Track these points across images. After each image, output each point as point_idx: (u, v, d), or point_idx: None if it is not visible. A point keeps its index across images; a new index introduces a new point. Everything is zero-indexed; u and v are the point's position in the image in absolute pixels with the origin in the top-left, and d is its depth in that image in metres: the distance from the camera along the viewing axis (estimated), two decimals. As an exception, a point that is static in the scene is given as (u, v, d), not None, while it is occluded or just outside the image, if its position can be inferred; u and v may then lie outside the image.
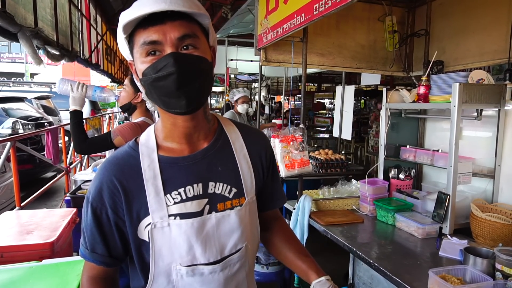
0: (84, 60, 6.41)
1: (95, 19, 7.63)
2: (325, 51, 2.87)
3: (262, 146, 0.99)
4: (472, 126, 2.23)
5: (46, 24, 4.33)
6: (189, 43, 0.77)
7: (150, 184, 0.83)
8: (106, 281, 0.90)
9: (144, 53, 0.77)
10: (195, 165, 0.87)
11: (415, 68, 3.05)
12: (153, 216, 0.82)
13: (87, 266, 0.90)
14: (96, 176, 0.87)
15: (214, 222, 0.86)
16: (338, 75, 13.29)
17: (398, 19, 2.99)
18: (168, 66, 0.73)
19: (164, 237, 0.83)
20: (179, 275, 0.84)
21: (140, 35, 0.76)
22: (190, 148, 0.88)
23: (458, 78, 2.03)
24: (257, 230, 0.99)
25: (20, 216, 2.34)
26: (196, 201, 0.85)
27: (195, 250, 0.84)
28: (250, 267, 0.97)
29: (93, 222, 0.85)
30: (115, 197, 0.83)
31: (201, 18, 0.80)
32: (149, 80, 0.77)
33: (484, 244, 1.77)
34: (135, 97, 2.21)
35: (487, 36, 2.45)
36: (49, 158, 4.09)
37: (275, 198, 1.06)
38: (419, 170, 2.69)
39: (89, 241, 0.86)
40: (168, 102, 0.78)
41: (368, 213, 2.32)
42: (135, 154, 0.86)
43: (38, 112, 7.08)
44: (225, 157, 0.91)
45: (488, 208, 1.92)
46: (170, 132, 0.87)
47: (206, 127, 0.90)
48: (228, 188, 0.89)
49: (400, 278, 1.49)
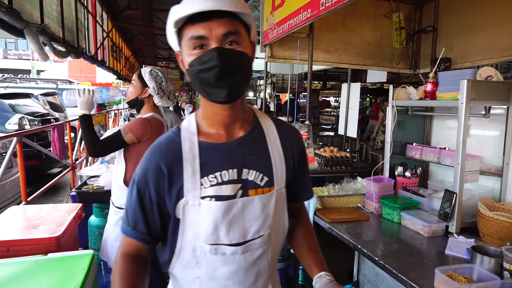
0: (90, 57, 6.44)
1: (101, 16, 7.65)
2: (331, 47, 2.85)
3: (295, 140, 1.04)
4: (480, 123, 2.20)
5: (52, 21, 4.35)
6: (232, 39, 0.84)
7: (188, 165, 0.90)
8: (138, 259, 0.96)
9: (191, 46, 0.84)
10: (231, 151, 0.93)
11: (422, 65, 3.02)
12: (187, 194, 0.90)
13: (125, 242, 0.97)
14: (143, 160, 0.95)
15: (240, 206, 0.92)
16: (343, 72, 13.23)
17: (405, 15, 2.96)
18: (212, 59, 0.81)
19: (194, 214, 0.90)
20: (203, 252, 0.91)
21: (188, 29, 0.84)
22: (228, 135, 0.94)
23: (466, 75, 2.00)
24: (283, 224, 1.03)
25: (26, 211, 2.36)
26: (230, 185, 0.91)
27: (220, 231, 0.90)
28: (273, 257, 1.01)
29: (137, 201, 0.93)
30: (159, 179, 0.91)
31: (244, 16, 0.86)
32: (194, 71, 0.85)
33: (491, 243, 1.75)
34: (142, 92, 2.21)
35: (496, 33, 2.42)
36: (55, 153, 4.12)
37: (303, 192, 1.12)
38: (426, 168, 2.66)
39: (132, 219, 0.94)
40: (210, 92, 0.86)
41: (373, 211, 2.30)
42: (177, 139, 0.93)
43: (44, 108, 7.12)
44: (259, 147, 0.97)
45: (495, 207, 1.90)
46: (210, 120, 0.94)
47: (243, 117, 0.97)
48: (260, 176, 0.95)
49: (406, 276, 1.47)
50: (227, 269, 0.93)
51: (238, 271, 0.94)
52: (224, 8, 0.80)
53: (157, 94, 2.21)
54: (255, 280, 0.97)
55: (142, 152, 2.19)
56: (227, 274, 0.93)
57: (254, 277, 0.96)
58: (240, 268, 0.93)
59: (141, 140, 2.12)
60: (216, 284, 0.94)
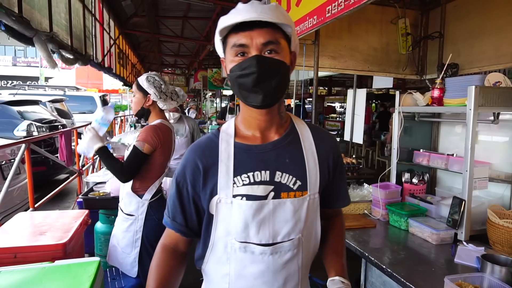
0: (97, 64, 6.51)
1: (108, 24, 7.74)
2: (337, 54, 2.85)
3: (330, 147, 1.06)
4: (489, 130, 2.17)
5: (61, 29, 4.42)
6: (271, 48, 0.90)
7: (223, 164, 0.96)
8: (174, 251, 1.04)
9: (233, 53, 0.91)
10: (265, 154, 0.98)
11: (429, 71, 3.00)
12: (220, 192, 0.95)
13: (165, 234, 1.05)
14: (183, 157, 1.02)
15: (271, 208, 0.95)
16: (348, 78, 13.21)
17: (412, 21, 2.95)
18: (251, 66, 0.88)
19: (226, 212, 0.95)
20: (233, 248, 0.95)
21: (232, 38, 0.91)
22: (263, 138, 0.99)
23: (474, 81, 1.98)
24: (315, 231, 1.04)
25: (34, 217, 2.37)
26: (262, 186, 0.95)
27: (250, 230, 0.94)
28: (304, 263, 1.01)
29: (176, 194, 1.00)
30: (195, 175, 0.97)
31: (285, 27, 0.92)
32: (234, 76, 0.91)
33: (501, 252, 1.72)
34: (146, 101, 2.22)
35: (504, 38, 2.40)
36: (62, 160, 4.15)
37: (338, 199, 1.13)
38: (433, 175, 2.64)
39: (172, 211, 1.02)
40: (246, 96, 0.92)
41: (380, 218, 2.28)
42: (216, 139, 1.00)
43: (52, 115, 7.19)
44: (293, 151, 1.00)
45: (506, 215, 1.87)
46: (247, 123, 1.00)
47: (279, 123, 1.01)
48: (293, 180, 0.97)
49: (414, 285, 1.45)
50: (256, 268, 0.95)
51: (266, 271, 0.96)
52: (265, 19, 0.86)
53: (159, 99, 2.23)
54: (283, 283, 0.98)
55: (153, 159, 2.20)
56: (255, 273, 0.96)
57: (282, 280, 0.98)
58: (269, 268, 0.95)
59: (157, 148, 2.14)
60: (245, 282, 0.97)
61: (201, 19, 9.26)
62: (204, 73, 11.90)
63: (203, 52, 11.53)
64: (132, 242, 2.25)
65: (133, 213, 2.22)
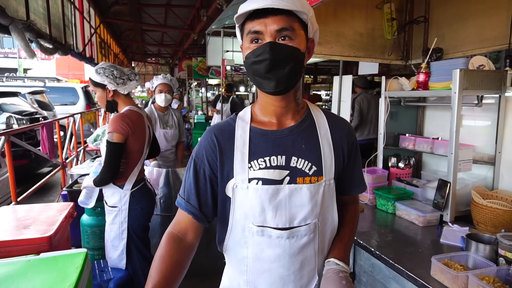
0: (78, 54, 6.34)
1: (88, 12, 7.52)
2: (323, 39, 2.82)
3: (345, 133, 1.07)
4: (472, 113, 2.21)
5: (39, 17, 4.26)
6: (285, 35, 0.91)
7: (239, 151, 0.98)
8: (182, 242, 1.00)
9: (249, 40, 0.93)
10: (281, 139, 0.99)
11: (414, 56, 3.01)
12: (236, 178, 0.97)
13: (176, 219, 1.04)
14: (201, 137, 1.04)
15: (287, 192, 0.96)
16: (334, 66, 13.22)
17: (397, 6, 2.95)
18: (264, 53, 0.89)
19: (243, 196, 0.97)
20: (251, 232, 0.97)
21: (248, 25, 0.93)
22: (279, 124, 1.01)
23: (459, 64, 2.00)
24: (332, 216, 1.04)
25: (17, 211, 2.31)
26: (278, 171, 0.97)
27: (267, 214, 0.96)
28: (321, 248, 1.03)
29: (193, 176, 1.01)
30: (212, 153, 0.99)
31: (300, 14, 0.92)
32: (249, 62, 0.93)
33: (485, 231, 1.76)
34: (107, 94, 2.20)
35: (486, 22, 2.42)
36: (44, 152, 4.04)
37: (354, 185, 1.14)
38: (419, 159, 2.68)
39: (187, 192, 1.02)
40: (260, 82, 0.94)
41: (368, 202, 2.31)
42: (234, 124, 1.02)
43: (32, 107, 6.98)
44: (309, 137, 1.02)
45: (489, 195, 1.91)
46: (264, 108, 1.02)
47: (295, 109, 1.03)
48: (309, 165, 0.99)
49: (402, 266, 1.48)
50: (273, 251, 0.97)
51: (282, 255, 0.97)
52: (278, 6, 0.87)
53: (117, 85, 2.20)
54: (300, 267, 1.00)
55: (127, 147, 2.21)
56: (272, 256, 0.98)
57: (299, 264, 0.99)
58: (285, 252, 0.97)
59: (128, 135, 2.13)
60: (262, 265, 0.99)
61: (184, 7, 9.08)
62: (188, 62, 11.74)
63: (187, 41, 11.35)
64: (118, 234, 2.24)
65: (116, 205, 2.21)
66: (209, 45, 6.65)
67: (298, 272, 1.00)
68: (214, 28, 5.68)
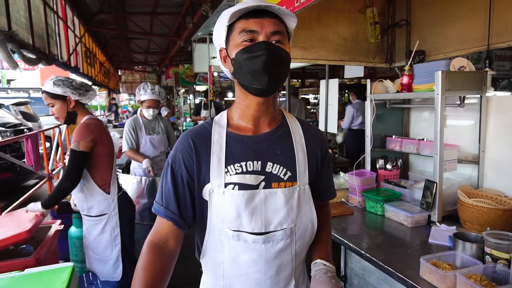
0: (63, 63, 6.26)
1: (72, 21, 7.44)
2: (307, 44, 2.85)
3: (318, 141, 1.10)
4: (456, 114, 2.25)
5: (21, 27, 4.20)
6: (278, 39, 0.94)
7: (215, 156, 0.98)
8: (164, 250, 0.99)
9: (241, 39, 0.93)
10: (257, 144, 1.01)
11: (398, 59, 3.06)
12: (212, 182, 0.97)
13: (155, 228, 1.02)
14: (177, 142, 1.03)
15: (262, 197, 0.97)
16: (321, 70, 13.36)
17: (379, 10, 2.99)
18: (261, 49, 0.91)
19: (219, 201, 0.97)
20: (227, 237, 0.97)
21: (240, 23, 0.94)
22: (255, 130, 1.02)
23: (441, 66, 2.04)
24: (311, 221, 1.04)
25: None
26: (254, 176, 0.98)
27: (242, 218, 0.96)
28: (298, 253, 1.03)
29: (171, 181, 1.00)
30: (189, 157, 0.99)
31: (290, 21, 0.97)
32: (242, 57, 0.93)
33: (472, 229, 1.79)
34: (68, 104, 2.19)
35: (466, 24, 2.48)
36: (29, 165, 3.96)
37: (327, 192, 1.18)
38: (406, 160, 2.71)
39: (165, 198, 1.00)
40: (253, 78, 0.93)
41: (357, 205, 2.32)
42: (210, 128, 1.02)
43: (16, 118, 6.85)
44: (284, 144, 1.04)
45: (474, 194, 1.95)
46: (242, 112, 1.02)
47: (272, 115, 1.05)
48: (284, 170, 1.01)
49: (392, 267, 1.49)
50: (249, 256, 0.97)
51: (258, 260, 0.98)
52: (273, 10, 0.93)
53: (79, 95, 2.20)
54: (276, 272, 1.00)
55: (99, 153, 2.23)
56: (248, 261, 0.98)
57: (275, 269, 0.99)
58: (261, 257, 0.97)
59: (97, 141, 2.15)
60: (238, 270, 0.99)
61: (170, 14, 9.07)
62: (175, 70, 11.70)
63: (174, 48, 11.32)
64: (110, 241, 2.22)
65: (105, 212, 2.22)
66: (196, 51, 6.65)
67: (274, 277, 1.00)
68: (200, 35, 5.69)
